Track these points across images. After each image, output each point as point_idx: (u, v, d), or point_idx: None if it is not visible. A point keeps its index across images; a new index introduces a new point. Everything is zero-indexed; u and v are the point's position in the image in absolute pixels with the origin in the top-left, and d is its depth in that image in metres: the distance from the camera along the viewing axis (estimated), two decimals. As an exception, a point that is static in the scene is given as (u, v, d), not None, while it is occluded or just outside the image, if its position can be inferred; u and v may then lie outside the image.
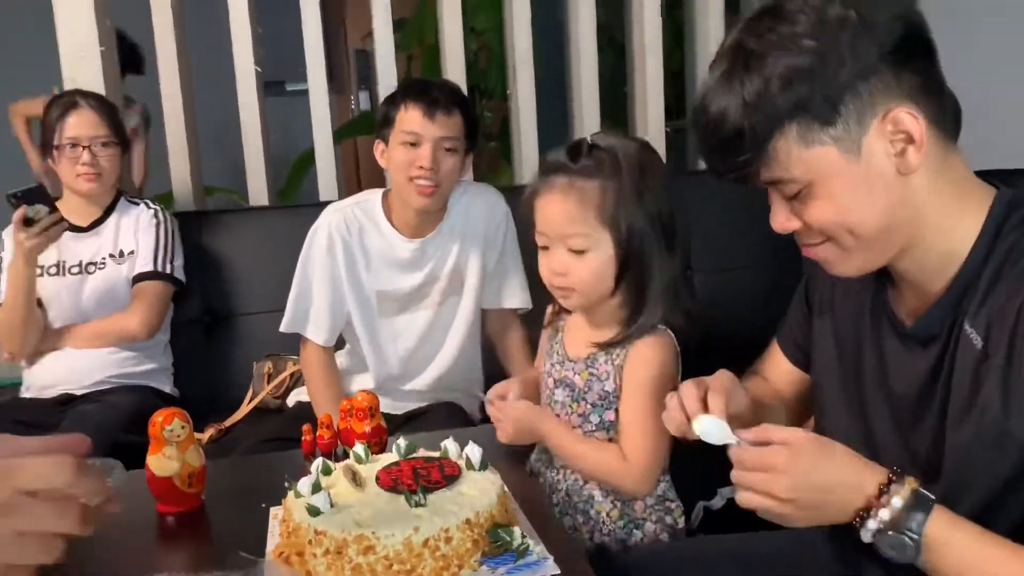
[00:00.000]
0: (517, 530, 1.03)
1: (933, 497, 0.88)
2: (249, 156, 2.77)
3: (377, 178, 2.73)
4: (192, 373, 2.47)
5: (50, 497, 0.69)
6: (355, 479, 1.09)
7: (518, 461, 1.42)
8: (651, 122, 2.93)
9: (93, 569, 1.08)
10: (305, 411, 2.07)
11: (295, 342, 2.23)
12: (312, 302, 2.06)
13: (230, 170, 3.39)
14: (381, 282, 2.06)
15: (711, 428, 1.00)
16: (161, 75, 2.70)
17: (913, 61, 0.90)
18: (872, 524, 0.88)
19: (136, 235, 2.33)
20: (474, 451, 1.13)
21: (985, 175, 0.99)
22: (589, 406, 1.42)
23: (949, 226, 0.94)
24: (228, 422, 2.27)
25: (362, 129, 4.14)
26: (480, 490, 1.06)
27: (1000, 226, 0.93)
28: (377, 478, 1.10)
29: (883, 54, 0.88)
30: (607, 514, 1.41)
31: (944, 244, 0.95)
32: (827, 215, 0.94)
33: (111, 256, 2.31)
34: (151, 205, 2.39)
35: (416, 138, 1.92)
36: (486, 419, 2.07)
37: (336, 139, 2.84)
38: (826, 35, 0.87)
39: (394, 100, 1.97)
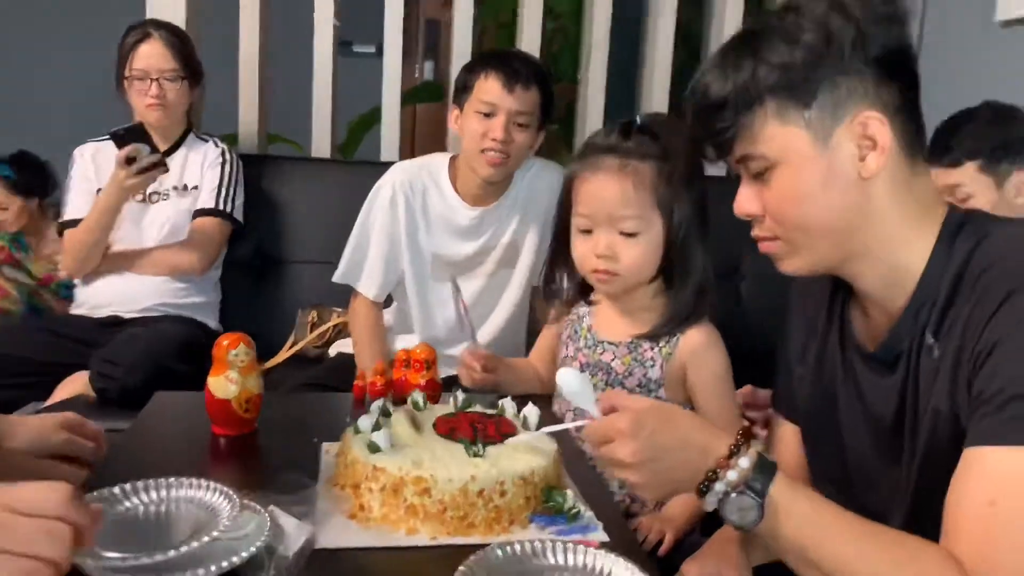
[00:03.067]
0: (570, 493, 1.05)
1: (775, 461, 0.91)
2: (317, 108, 2.80)
3: (430, 147, 2.75)
4: (237, 312, 2.51)
5: (42, 518, 0.68)
6: (415, 423, 1.11)
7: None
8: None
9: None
10: (347, 362, 2.10)
11: (340, 295, 2.25)
12: (367, 256, 2.09)
13: (291, 121, 3.42)
14: (438, 245, 2.08)
15: (574, 383, 0.95)
16: (241, 20, 2.73)
17: (895, 79, 0.95)
18: (719, 487, 0.89)
19: (202, 171, 2.37)
20: (532, 412, 1.15)
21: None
22: (626, 392, 1.43)
23: (906, 240, 0.98)
24: (267, 365, 2.30)
25: (424, 97, 4.16)
26: (536, 450, 1.08)
27: (952, 242, 0.96)
28: (435, 424, 1.12)
29: (868, 61, 0.94)
30: None
31: (901, 258, 0.98)
32: (785, 200, 0.97)
33: (175, 188, 2.35)
34: (219, 144, 2.43)
35: (492, 108, 1.93)
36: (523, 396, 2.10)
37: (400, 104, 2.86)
38: (823, 33, 0.93)
39: (474, 68, 1.98)
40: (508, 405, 1.18)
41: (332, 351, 2.34)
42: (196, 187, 2.36)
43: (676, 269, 1.39)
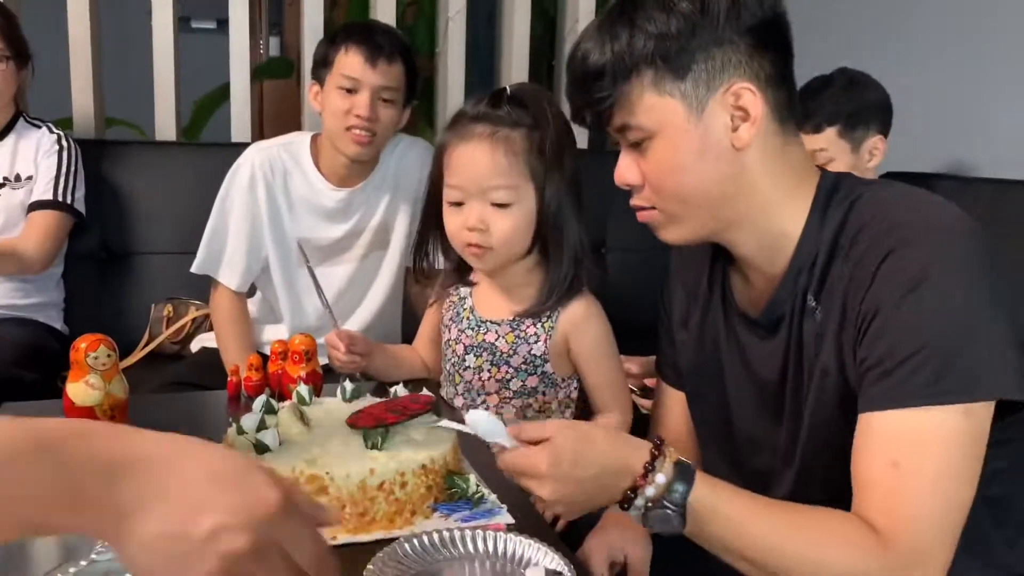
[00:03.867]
0: (472, 478, 1.02)
1: (693, 466, 0.91)
2: (159, 89, 2.62)
3: (280, 126, 2.64)
4: (84, 311, 2.33)
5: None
6: (303, 419, 1.05)
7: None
8: (577, 97, 2.92)
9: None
10: (211, 357, 1.99)
11: (196, 287, 2.13)
12: (227, 243, 1.97)
13: (130, 104, 3.21)
14: (303, 230, 1.99)
15: (483, 423, 0.92)
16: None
17: (769, 50, 0.96)
18: (639, 502, 0.89)
19: (36, 160, 2.17)
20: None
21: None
22: (512, 370, 1.41)
23: (781, 207, 0.99)
24: (122, 364, 2.14)
25: (272, 73, 3.99)
26: (434, 437, 1.04)
27: (827, 206, 0.99)
28: (355, 423, 1.04)
29: (742, 32, 0.94)
30: None
31: (777, 224, 1.00)
32: (661, 171, 0.98)
33: (6, 179, 2.15)
34: (54, 129, 2.23)
35: (355, 84, 1.85)
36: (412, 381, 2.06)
37: (247, 82, 2.71)
38: (698, 2, 0.94)
39: (335, 41, 1.89)
40: (402, 392, 1.14)
41: (194, 346, 2.21)
42: (30, 177, 2.16)
43: (551, 242, 1.37)
